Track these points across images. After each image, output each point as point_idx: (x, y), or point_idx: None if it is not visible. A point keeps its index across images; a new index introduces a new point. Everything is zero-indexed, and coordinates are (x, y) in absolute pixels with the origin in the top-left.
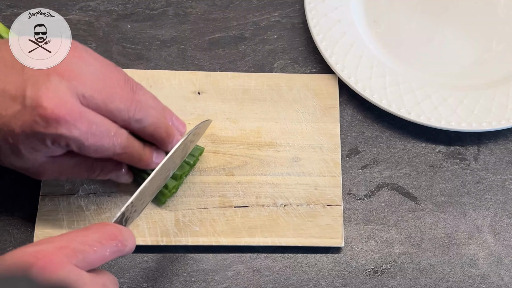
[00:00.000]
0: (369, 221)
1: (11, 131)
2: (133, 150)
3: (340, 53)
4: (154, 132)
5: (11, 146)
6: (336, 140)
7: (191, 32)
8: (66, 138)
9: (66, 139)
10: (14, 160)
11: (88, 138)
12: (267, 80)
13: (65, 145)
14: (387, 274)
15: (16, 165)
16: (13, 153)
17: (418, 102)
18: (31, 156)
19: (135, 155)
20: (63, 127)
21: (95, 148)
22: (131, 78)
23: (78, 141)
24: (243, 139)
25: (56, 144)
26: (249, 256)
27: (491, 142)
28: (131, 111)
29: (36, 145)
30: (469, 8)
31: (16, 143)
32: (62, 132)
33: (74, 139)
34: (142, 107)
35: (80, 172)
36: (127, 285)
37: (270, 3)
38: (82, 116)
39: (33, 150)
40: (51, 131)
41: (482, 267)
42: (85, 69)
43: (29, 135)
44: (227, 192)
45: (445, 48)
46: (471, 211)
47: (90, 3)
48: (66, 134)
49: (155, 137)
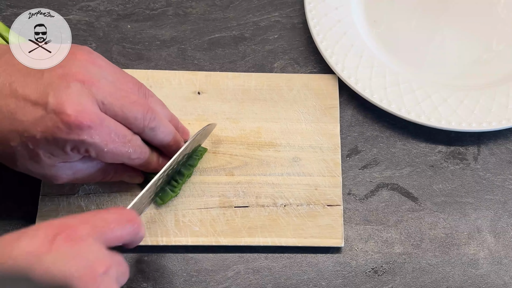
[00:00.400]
0: (369, 221)
1: (31, 136)
2: (145, 156)
3: (340, 53)
4: (163, 139)
5: (30, 151)
6: (336, 140)
7: (191, 32)
8: (87, 144)
9: (86, 145)
10: (31, 165)
11: (108, 144)
12: (267, 80)
13: (84, 151)
14: (387, 274)
15: (32, 170)
16: (31, 159)
17: (418, 102)
18: (48, 162)
19: (146, 161)
20: (85, 134)
21: (112, 155)
22: (142, 84)
23: (98, 147)
24: (243, 139)
25: (75, 151)
26: (249, 256)
27: (491, 142)
28: (147, 120)
29: (55, 150)
30: (469, 8)
31: (35, 148)
32: (84, 138)
33: (94, 145)
34: (156, 115)
35: (94, 175)
36: (127, 285)
37: (270, 3)
38: (102, 123)
39: (51, 156)
40: (73, 137)
41: (482, 267)
42: (102, 75)
43: (50, 141)
44: (227, 192)
45: (445, 48)
46: (471, 211)
47: (90, 3)
48: (88, 140)
49: (163, 144)
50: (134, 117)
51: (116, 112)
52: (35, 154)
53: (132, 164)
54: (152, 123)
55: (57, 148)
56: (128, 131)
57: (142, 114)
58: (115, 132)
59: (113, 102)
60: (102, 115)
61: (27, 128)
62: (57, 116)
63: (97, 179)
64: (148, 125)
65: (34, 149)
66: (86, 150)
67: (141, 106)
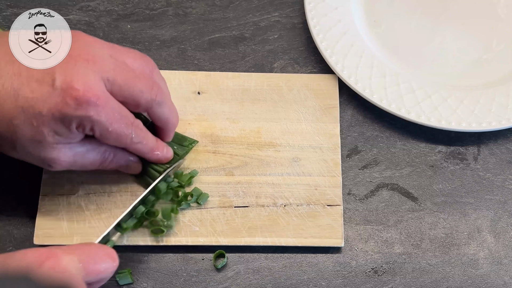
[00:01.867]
0: (369, 221)
1: (37, 113)
2: (148, 141)
3: (340, 53)
4: (169, 117)
5: (33, 129)
6: (336, 140)
7: (191, 32)
8: (93, 121)
9: (92, 123)
10: (32, 146)
11: (112, 124)
12: (267, 80)
13: (89, 130)
14: (387, 274)
15: (32, 152)
16: (33, 138)
17: (418, 102)
18: (51, 141)
19: (149, 146)
20: (92, 110)
21: (115, 136)
22: (145, 55)
23: (103, 125)
24: (243, 139)
25: (81, 128)
26: (249, 256)
27: (491, 142)
28: (153, 94)
29: (60, 128)
30: (469, 8)
31: (39, 126)
32: (91, 115)
33: (100, 123)
34: (161, 90)
35: (93, 160)
36: (127, 285)
37: (270, 3)
38: (108, 101)
39: (55, 134)
40: (80, 113)
41: (482, 267)
42: (103, 53)
43: (57, 118)
44: (227, 192)
45: (445, 48)
46: (471, 211)
47: (90, 3)
48: (94, 117)
49: (170, 123)
50: (140, 90)
51: (121, 87)
52: (38, 133)
53: (135, 149)
54: (159, 97)
55: (62, 126)
56: (130, 114)
57: (147, 88)
58: (119, 112)
59: (118, 78)
60: (108, 94)
61: (33, 104)
62: (65, 92)
63: (96, 165)
64: (156, 99)
65: (38, 127)
66: (91, 128)
67: (145, 80)
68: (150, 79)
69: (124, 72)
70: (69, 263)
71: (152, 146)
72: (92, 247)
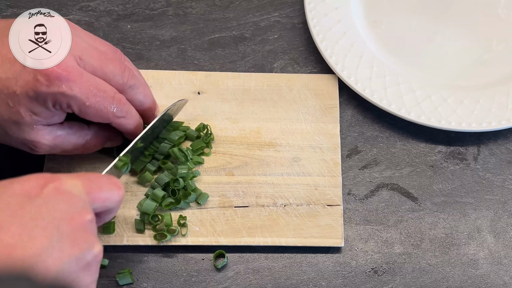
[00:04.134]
0: (369, 221)
1: (11, 93)
2: (132, 116)
3: (340, 53)
4: (143, 101)
5: (10, 110)
6: (336, 140)
7: (191, 32)
8: (67, 97)
9: (67, 99)
10: (10, 128)
11: (89, 98)
12: (267, 80)
13: (66, 106)
14: (387, 274)
15: (12, 134)
16: (11, 120)
17: (418, 102)
18: (29, 121)
19: (134, 122)
20: (64, 85)
21: (95, 111)
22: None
23: (79, 100)
24: (243, 139)
25: (58, 105)
26: (249, 256)
27: (491, 142)
28: (125, 77)
29: (36, 107)
30: (469, 8)
31: (16, 106)
32: (64, 90)
33: (75, 98)
34: (133, 74)
35: (75, 143)
36: (127, 285)
37: (270, 3)
38: (81, 75)
39: (32, 114)
40: (53, 89)
41: (482, 267)
42: (77, 34)
43: (31, 96)
44: (227, 192)
45: (445, 48)
46: (471, 211)
47: (90, 3)
48: (68, 92)
49: (144, 105)
50: (112, 72)
51: (94, 67)
52: (15, 113)
53: (119, 125)
54: (131, 81)
55: (38, 104)
56: (110, 87)
57: (120, 70)
58: (96, 86)
59: (90, 58)
60: (81, 69)
61: (6, 84)
62: (36, 69)
63: (79, 149)
64: (128, 82)
65: (14, 107)
66: (68, 105)
67: (118, 63)
68: (121, 63)
69: (96, 53)
70: (73, 187)
71: (137, 122)
72: (96, 175)
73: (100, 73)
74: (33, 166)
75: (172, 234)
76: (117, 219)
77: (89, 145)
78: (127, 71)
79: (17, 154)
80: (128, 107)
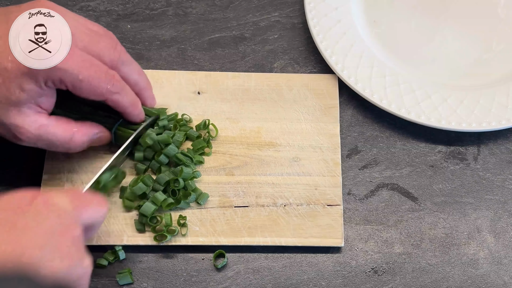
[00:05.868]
0: (369, 221)
1: (2, 69)
2: (127, 93)
3: (340, 53)
4: (138, 78)
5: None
6: (336, 140)
7: (191, 32)
8: (60, 70)
9: (60, 72)
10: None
11: (82, 72)
12: (267, 80)
13: (59, 81)
14: (387, 274)
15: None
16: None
17: (418, 102)
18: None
19: (129, 99)
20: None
21: (89, 86)
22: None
23: (71, 74)
24: (243, 139)
25: (50, 81)
26: (249, 256)
27: (491, 142)
28: (117, 52)
29: (28, 83)
30: (469, 8)
31: (6, 81)
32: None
33: (67, 71)
34: (125, 50)
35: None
36: (127, 285)
37: (270, 3)
38: (73, 50)
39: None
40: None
41: (482, 267)
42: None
43: (23, 71)
44: (227, 192)
45: (445, 48)
46: (471, 211)
47: (90, 3)
48: (60, 66)
49: (139, 84)
50: (104, 48)
51: (85, 43)
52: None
53: (114, 102)
54: (124, 56)
55: (29, 80)
56: (102, 64)
57: (112, 46)
58: (89, 60)
59: (81, 34)
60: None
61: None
62: None
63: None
64: (120, 57)
65: (4, 83)
66: (61, 80)
67: (109, 39)
68: (113, 40)
69: (87, 31)
70: (61, 202)
71: (132, 99)
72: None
73: (91, 49)
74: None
75: (172, 234)
76: (117, 219)
77: (75, 141)
78: (119, 47)
79: (16, 154)
80: (122, 83)
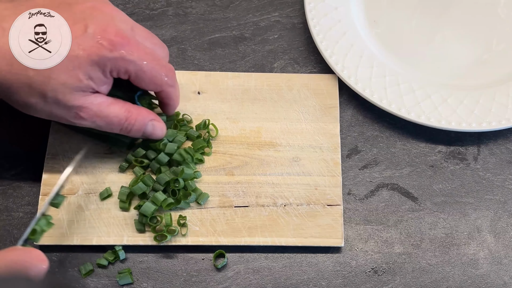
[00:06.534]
0: (369, 221)
1: (73, 56)
2: (177, 87)
3: (340, 53)
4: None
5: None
6: (336, 140)
7: (191, 32)
8: (127, 61)
9: (127, 63)
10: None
11: (146, 63)
12: (267, 80)
13: (124, 71)
14: (387, 274)
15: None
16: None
17: (418, 102)
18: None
19: (179, 94)
20: (125, 50)
21: (150, 75)
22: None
23: (137, 65)
24: (243, 139)
25: (115, 71)
26: (249, 256)
27: (491, 142)
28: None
29: (95, 72)
30: (469, 8)
31: (75, 69)
32: (125, 55)
33: (134, 62)
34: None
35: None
36: (128, 285)
37: (270, 3)
38: (138, 43)
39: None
40: (115, 54)
41: (482, 267)
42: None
43: (94, 60)
44: (227, 192)
45: (445, 48)
46: (471, 211)
47: None
48: (128, 57)
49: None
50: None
51: (143, 38)
52: (72, 76)
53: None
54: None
55: (98, 69)
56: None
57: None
58: (151, 53)
59: (139, 30)
60: (136, 38)
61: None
62: (100, 35)
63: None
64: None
65: (73, 70)
66: (126, 70)
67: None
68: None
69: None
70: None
71: (178, 96)
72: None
73: (148, 43)
74: (33, 166)
75: (172, 234)
76: (117, 219)
77: (130, 122)
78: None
79: (16, 154)
80: (176, 78)
